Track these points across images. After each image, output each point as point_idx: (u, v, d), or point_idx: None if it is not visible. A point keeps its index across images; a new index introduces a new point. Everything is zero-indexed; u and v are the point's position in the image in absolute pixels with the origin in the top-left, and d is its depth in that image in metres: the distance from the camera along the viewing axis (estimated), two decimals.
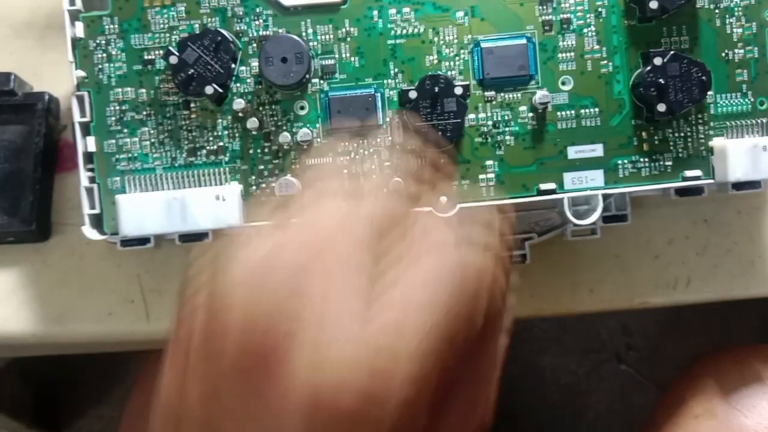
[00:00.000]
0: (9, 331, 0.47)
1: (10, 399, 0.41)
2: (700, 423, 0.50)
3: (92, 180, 0.42)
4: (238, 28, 0.41)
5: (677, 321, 0.53)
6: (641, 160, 0.42)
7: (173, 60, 0.40)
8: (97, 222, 0.42)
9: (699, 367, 0.55)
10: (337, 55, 0.42)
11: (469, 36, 0.42)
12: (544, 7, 0.41)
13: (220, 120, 0.42)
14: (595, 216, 0.42)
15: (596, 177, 0.42)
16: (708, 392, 0.52)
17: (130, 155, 0.42)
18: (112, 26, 0.41)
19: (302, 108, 0.42)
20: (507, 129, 0.42)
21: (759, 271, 0.47)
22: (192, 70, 0.40)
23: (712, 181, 0.42)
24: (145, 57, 0.41)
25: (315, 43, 0.41)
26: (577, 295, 0.48)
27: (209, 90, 0.40)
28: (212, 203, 0.40)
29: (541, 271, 0.48)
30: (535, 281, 0.48)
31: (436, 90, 0.40)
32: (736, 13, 0.41)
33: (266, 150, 0.42)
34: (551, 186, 0.42)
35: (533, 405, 0.56)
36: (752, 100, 0.42)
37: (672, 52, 0.40)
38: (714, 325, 1.00)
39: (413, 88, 0.40)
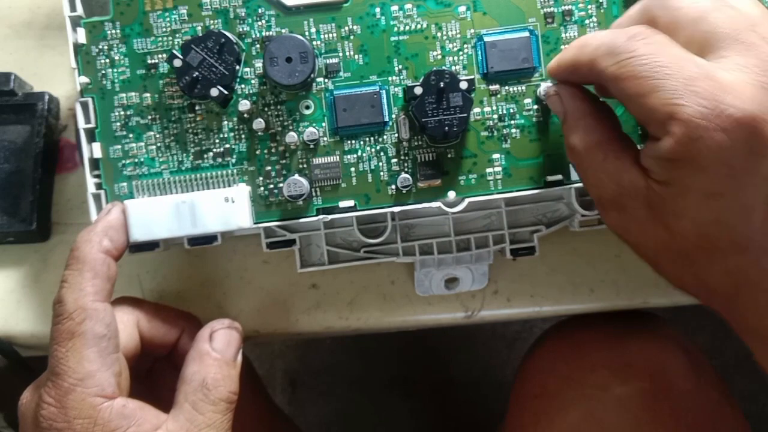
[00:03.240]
0: (9, 331, 0.47)
1: (11, 399, 0.40)
2: (537, 402, 0.52)
3: (99, 186, 0.41)
4: (240, 30, 0.41)
5: (677, 321, 0.53)
6: None
7: (177, 63, 0.40)
8: None
9: (539, 349, 0.56)
10: (340, 54, 0.42)
11: (472, 30, 0.42)
12: None
13: (225, 122, 0.41)
14: None
15: None
16: (545, 371, 0.53)
17: (136, 160, 0.41)
18: (114, 31, 0.41)
19: (307, 107, 0.42)
20: (512, 122, 0.42)
21: None
22: (196, 73, 0.40)
23: None
24: (149, 61, 0.41)
25: (318, 42, 0.41)
26: (578, 295, 0.48)
27: (214, 92, 0.40)
28: (221, 205, 0.40)
29: (541, 271, 0.48)
30: (535, 281, 0.48)
31: (442, 85, 0.40)
32: None
33: (273, 150, 0.42)
34: (558, 177, 0.42)
35: None
36: None
37: None
38: (714, 325, 1.00)
39: (418, 83, 0.40)
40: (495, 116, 0.42)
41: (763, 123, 0.31)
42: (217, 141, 0.41)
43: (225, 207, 0.40)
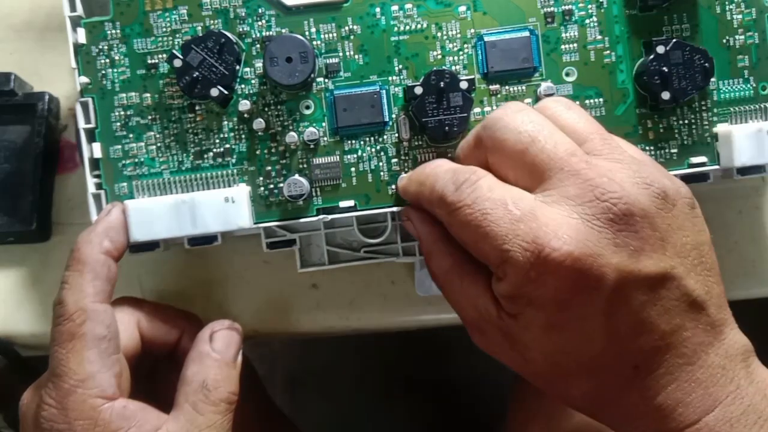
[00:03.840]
0: (9, 331, 0.47)
1: (10, 399, 0.41)
2: (537, 401, 0.52)
3: (99, 186, 0.41)
4: (240, 30, 0.41)
5: None
6: (647, 148, 0.42)
7: (177, 63, 0.40)
8: None
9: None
10: (341, 54, 0.42)
11: (472, 30, 0.42)
12: None
13: (225, 122, 0.41)
14: None
15: None
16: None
17: (136, 160, 0.41)
18: (114, 31, 0.41)
19: (308, 107, 0.42)
20: None
21: (759, 271, 0.48)
22: (196, 73, 0.40)
23: (717, 167, 0.42)
24: (149, 61, 0.41)
25: (318, 42, 0.41)
26: None
27: (214, 92, 0.40)
28: (221, 205, 0.40)
29: None
30: None
31: (442, 85, 0.40)
32: (735, 0, 0.42)
33: (273, 150, 0.41)
34: None
35: None
36: (754, 85, 0.42)
37: (674, 40, 0.40)
38: None
39: (418, 83, 0.40)
40: None
41: (585, 259, 0.32)
42: (217, 141, 0.41)
43: (225, 207, 0.40)
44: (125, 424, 0.36)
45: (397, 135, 0.42)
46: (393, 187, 0.42)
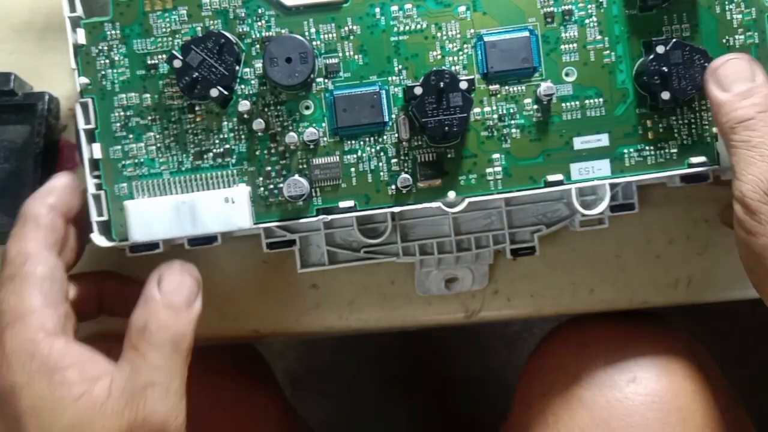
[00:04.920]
0: None
1: None
2: (544, 401, 0.51)
3: (99, 187, 0.41)
4: (240, 30, 0.41)
5: (678, 321, 0.53)
6: (647, 148, 0.42)
7: (177, 64, 0.40)
8: (105, 229, 0.41)
9: (547, 347, 0.56)
10: (340, 54, 0.42)
11: (472, 30, 0.42)
12: None
13: (225, 122, 0.41)
14: (603, 206, 0.42)
15: (603, 167, 0.42)
16: (553, 370, 0.53)
17: (136, 161, 0.41)
18: (113, 32, 0.41)
19: (307, 108, 0.42)
20: (512, 122, 0.42)
21: None
22: (196, 74, 0.40)
23: (717, 167, 0.42)
24: (149, 62, 0.41)
25: (318, 42, 0.41)
26: (578, 295, 0.48)
27: (214, 93, 0.40)
28: (221, 206, 0.40)
29: (541, 271, 0.48)
30: (535, 281, 0.48)
31: (442, 85, 0.40)
32: (735, 0, 0.42)
33: (273, 151, 0.41)
34: (558, 177, 0.42)
35: None
36: None
37: (674, 40, 0.40)
38: (714, 325, 1.00)
39: (418, 84, 0.40)
40: (495, 116, 0.42)
41: None
42: (216, 141, 0.41)
43: (225, 207, 0.40)
44: (65, 362, 0.35)
45: (396, 135, 0.42)
46: (393, 187, 0.41)
